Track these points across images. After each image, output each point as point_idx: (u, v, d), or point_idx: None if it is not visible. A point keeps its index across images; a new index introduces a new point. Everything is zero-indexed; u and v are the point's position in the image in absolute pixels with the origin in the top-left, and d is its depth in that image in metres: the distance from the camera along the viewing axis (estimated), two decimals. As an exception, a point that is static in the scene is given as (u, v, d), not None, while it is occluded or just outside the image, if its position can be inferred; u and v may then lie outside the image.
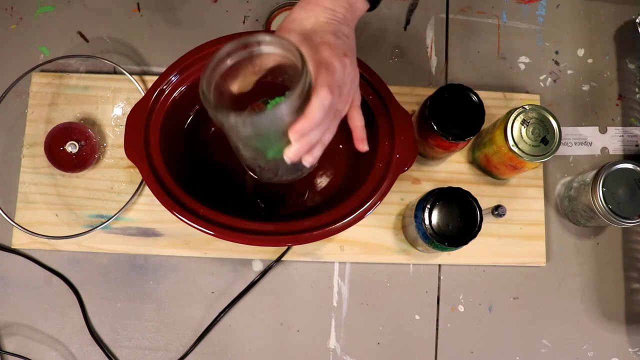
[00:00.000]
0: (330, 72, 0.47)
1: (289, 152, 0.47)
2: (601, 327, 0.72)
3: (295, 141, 0.46)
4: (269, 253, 0.71)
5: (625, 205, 0.65)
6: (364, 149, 0.54)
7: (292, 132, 0.45)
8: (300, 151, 0.47)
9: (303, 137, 0.46)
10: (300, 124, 0.45)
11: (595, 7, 0.81)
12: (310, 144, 0.47)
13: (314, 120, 0.45)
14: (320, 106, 0.45)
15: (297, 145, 0.46)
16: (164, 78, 0.62)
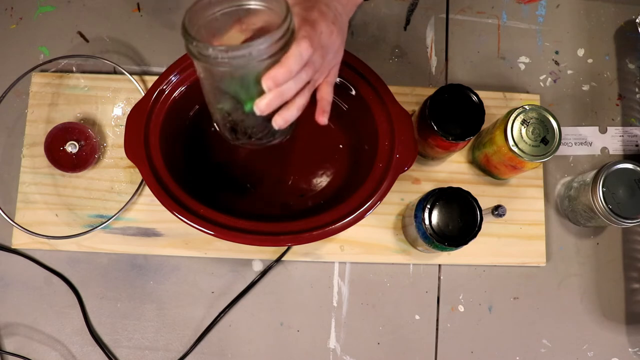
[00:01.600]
0: (315, 30, 0.46)
1: (260, 102, 0.46)
2: (601, 327, 0.72)
3: (269, 90, 0.45)
4: (269, 253, 0.71)
5: (625, 205, 0.65)
6: (323, 122, 0.53)
7: (266, 78, 0.44)
8: (271, 103, 0.46)
9: (277, 87, 0.45)
10: (275, 70, 0.44)
11: (595, 7, 0.81)
12: (282, 98, 0.46)
13: (290, 68, 0.44)
14: (298, 56, 0.44)
15: (270, 95, 0.45)
16: (164, 78, 0.62)
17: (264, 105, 0.46)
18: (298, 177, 0.71)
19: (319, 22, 0.47)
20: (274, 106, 0.46)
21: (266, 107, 0.46)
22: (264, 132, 0.52)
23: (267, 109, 0.46)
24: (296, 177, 0.71)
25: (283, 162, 0.71)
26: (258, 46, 0.43)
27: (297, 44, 0.45)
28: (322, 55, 0.48)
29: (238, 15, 0.47)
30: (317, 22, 0.47)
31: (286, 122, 0.48)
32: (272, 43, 0.43)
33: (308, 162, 0.71)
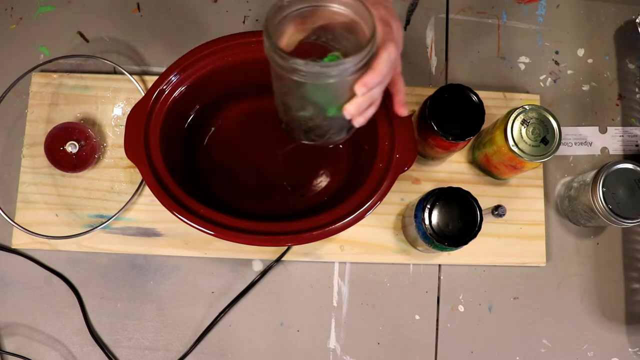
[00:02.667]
0: (392, 30, 0.48)
1: (350, 107, 0.47)
2: (601, 327, 0.72)
3: (362, 94, 0.46)
4: (269, 253, 0.71)
5: (625, 205, 0.65)
6: (404, 114, 0.55)
7: (360, 84, 0.46)
8: (361, 106, 0.47)
9: (368, 91, 0.46)
10: (369, 76, 0.46)
11: (595, 7, 0.81)
12: (371, 99, 0.48)
13: (382, 73, 0.46)
14: (387, 60, 0.46)
15: (361, 100, 0.47)
16: (164, 78, 0.62)
17: (354, 109, 0.47)
18: (298, 177, 0.71)
19: (390, 20, 0.49)
20: (363, 109, 0.48)
21: (356, 111, 0.47)
22: (338, 132, 0.53)
23: (357, 113, 0.48)
24: (296, 177, 0.71)
25: (283, 162, 0.71)
26: (353, 61, 0.44)
27: (386, 49, 0.46)
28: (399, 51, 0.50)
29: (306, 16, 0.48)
30: (389, 20, 0.49)
31: (366, 120, 0.49)
32: (365, 56, 0.44)
33: (308, 162, 0.71)
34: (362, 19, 0.46)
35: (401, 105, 0.55)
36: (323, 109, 0.49)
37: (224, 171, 0.70)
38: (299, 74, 0.44)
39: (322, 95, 0.48)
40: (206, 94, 0.66)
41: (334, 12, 0.47)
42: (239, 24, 0.78)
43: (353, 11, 0.46)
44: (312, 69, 0.43)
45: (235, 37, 0.63)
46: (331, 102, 0.49)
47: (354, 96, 0.47)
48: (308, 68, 0.43)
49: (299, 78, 0.44)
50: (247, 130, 0.71)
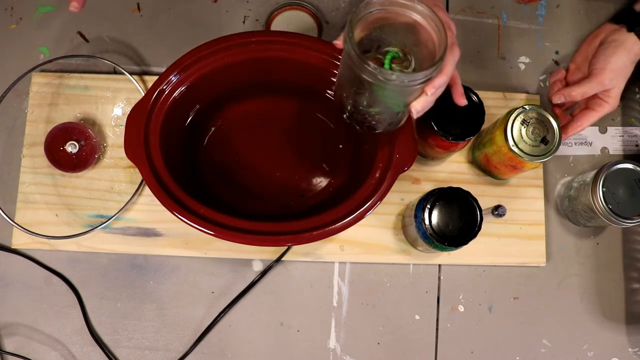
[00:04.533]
0: (452, 31, 0.54)
1: (418, 105, 0.51)
2: (601, 327, 0.72)
3: (431, 94, 0.50)
4: (269, 253, 0.71)
5: (625, 205, 0.65)
6: (463, 103, 0.60)
7: (431, 86, 0.49)
8: (427, 105, 0.51)
9: (437, 91, 0.50)
10: (439, 79, 0.50)
11: (595, 7, 0.81)
12: (436, 97, 0.52)
13: (449, 74, 0.51)
14: (453, 62, 0.52)
15: (430, 99, 0.51)
16: (164, 78, 0.62)
17: (421, 107, 0.51)
18: (298, 177, 0.71)
19: (449, 22, 0.54)
20: (429, 107, 0.52)
21: (423, 109, 0.52)
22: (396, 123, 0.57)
23: (423, 111, 0.52)
24: (296, 177, 0.71)
25: (283, 162, 0.71)
26: (431, 72, 0.47)
27: (452, 52, 0.52)
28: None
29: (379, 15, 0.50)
30: (449, 23, 0.54)
31: (424, 111, 0.52)
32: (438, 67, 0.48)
33: (308, 162, 0.71)
34: (431, 27, 0.49)
35: (460, 95, 0.60)
36: (391, 106, 0.54)
37: (224, 171, 0.70)
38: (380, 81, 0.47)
39: (394, 96, 0.52)
40: (206, 94, 0.66)
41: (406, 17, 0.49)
42: (239, 24, 0.78)
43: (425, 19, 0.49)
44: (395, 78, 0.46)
45: (235, 37, 0.63)
46: (401, 101, 0.52)
47: (421, 94, 0.51)
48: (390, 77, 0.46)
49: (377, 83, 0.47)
50: (247, 130, 0.71)
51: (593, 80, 0.66)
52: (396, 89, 0.49)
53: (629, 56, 0.65)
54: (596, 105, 0.67)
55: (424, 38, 0.50)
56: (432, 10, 0.48)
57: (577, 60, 0.71)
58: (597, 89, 0.66)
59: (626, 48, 0.65)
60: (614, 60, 0.65)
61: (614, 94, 0.66)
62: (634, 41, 0.65)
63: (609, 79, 0.65)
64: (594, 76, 0.66)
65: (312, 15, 0.77)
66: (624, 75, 0.66)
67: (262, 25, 0.78)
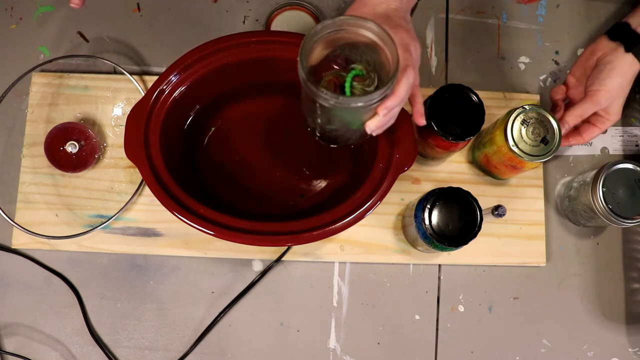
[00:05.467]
0: (410, 54, 0.53)
1: (372, 124, 0.52)
2: (601, 327, 0.72)
3: (383, 115, 0.51)
4: (269, 253, 0.71)
5: (625, 205, 0.65)
6: (422, 123, 0.59)
7: (383, 108, 0.50)
8: (381, 124, 0.52)
9: (389, 112, 0.51)
10: (391, 101, 0.50)
11: (595, 7, 0.81)
12: (390, 117, 0.53)
13: (401, 97, 0.51)
14: (407, 85, 0.51)
15: (383, 119, 0.51)
16: (164, 78, 0.62)
17: (375, 127, 0.52)
18: (298, 177, 0.71)
19: (409, 43, 0.53)
20: (383, 126, 0.53)
21: (377, 128, 0.52)
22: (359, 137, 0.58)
23: (378, 130, 0.53)
24: (296, 177, 0.71)
25: (283, 163, 0.71)
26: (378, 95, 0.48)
27: (406, 75, 0.51)
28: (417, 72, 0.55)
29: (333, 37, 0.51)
30: (408, 44, 0.53)
31: (382, 130, 0.54)
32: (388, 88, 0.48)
33: (308, 162, 0.71)
34: (386, 47, 0.49)
35: (420, 115, 0.59)
36: (348, 124, 0.55)
37: (224, 171, 0.70)
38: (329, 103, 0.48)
39: (347, 116, 0.54)
40: (206, 94, 0.66)
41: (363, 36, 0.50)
42: (239, 24, 0.78)
43: (379, 39, 0.49)
44: (341, 101, 0.47)
45: (235, 37, 0.63)
46: (354, 120, 0.54)
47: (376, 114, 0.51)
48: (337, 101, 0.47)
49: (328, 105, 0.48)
50: (247, 130, 0.71)
51: (588, 102, 0.67)
52: (346, 110, 0.50)
53: (624, 77, 0.67)
54: (598, 122, 0.69)
55: (384, 57, 0.50)
56: (385, 30, 0.48)
57: (575, 74, 0.72)
58: (594, 109, 0.68)
59: (622, 70, 0.66)
60: (608, 83, 0.66)
61: (613, 111, 0.68)
62: (631, 62, 0.66)
63: (604, 99, 0.67)
64: (589, 97, 0.67)
65: (312, 15, 0.77)
66: (620, 94, 0.68)
67: (262, 25, 0.78)
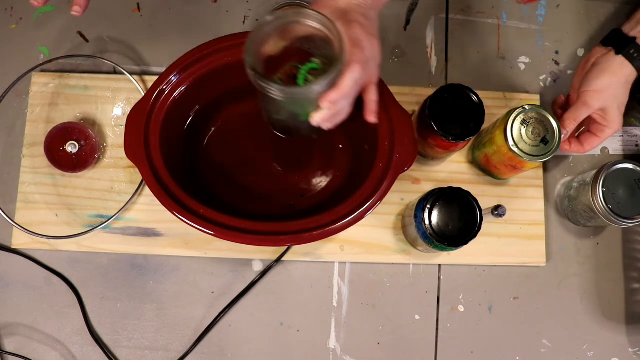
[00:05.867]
0: (361, 49, 0.52)
1: (316, 117, 0.52)
2: (601, 327, 0.72)
3: (326, 109, 0.51)
4: (269, 253, 0.71)
5: (625, 205, 0.65)
6: (373, 121, 0.58)
7: (324, 100, 0.50)
8: (326, 117, 0.52)
9: (332, 106, 0.51)
10: (333, 94, 0.50)
11: (595, 7, 0.81)
12: (335, 112, 0.52)
13: (344, 91, 0.50)
14: (351, 80, 0.50)
15: (326, 112, 0.51)
16: (164, 78, 0.62)
17: (320, 120, 0.52)
18: (298, 177, 0.71)
19: (362, 40, 0.53)
20: (328, 119, 0.53)
21: (321, 121, 0.53)
22: (312, 131, 0.58)
23: (322, 123, 0.53)
24: (296, 177, 0.71)
25: (283, 163, 0.72)
26: (318, 85, 0.48)
27: (350, 70, 0.50)
28: (367, 69, 0.54)
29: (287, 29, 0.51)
30: (360, 40, 0.52)
31: (333, 126, 0.54)
32: (332, 79, 0.49)
33: (308, 162, 0.71)
34: (333, 38, 0.49)
35: (370, 114, 0.58)
36: (296, 116, 0.55)
37: (224, 171, 0.70)
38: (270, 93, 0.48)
39: (293, 107, 0.54)
40: (206, 94, 0.66)
41: (310, 27, 0.50)
42: (239, 24, 0.78)
43: (326, 29, 0.49)
44: (282, 91, 0.48)
45: (235, 37, 0.63)
46: (301, 111, 0.54)
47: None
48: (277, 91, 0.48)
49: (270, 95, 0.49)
50: (247, 130, 0.71)
51: (578, 103, 0.67)
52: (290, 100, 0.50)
53: (614, 78, 0.66)
54: (598, 131, 0.68)
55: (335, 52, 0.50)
56: (331, 22, 0.48)
57: (575, 86, 0.71)
58: (586, 111, 0.67)
59: (610, 70, 0.66)
60: (595, 83, 0.66)
61: (609, 117, 0.66)
62: (620, 63, 0.66)
63: (593, 99, 0.66)
64: (579, 99, 0.67)
65: (312, 15, 0.76)
66: (612, 96, 0.66)
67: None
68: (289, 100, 0.50)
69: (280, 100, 0.50)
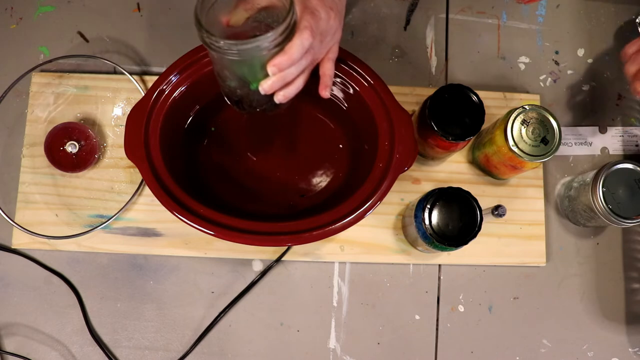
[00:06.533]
0: (315, 18, 0.51)
1: (264, 84, 0.51)
2: (601, 327, 0.72)
3: (273, 74, 0.50)
4: (269, 253, 0.71)
5: (625, 205, 0.65)
6: (325, 96, 0.58)
7: (271, 65, 0.49)
8: (274, 85, 0.51)
9: (280, 72, 0.50)
10: (279, 58, 0.49)
11: (595, 7, 0.81)
12: (284, 81, 0.51)
13: (292, 57, 0.49)
14: (300, 46, 0.49)
15: (273, 79, 0.50)
16: (164, 78, 0.62)
17: (268, 87, 0.51)
18: (298, 177, 0.71)
19: (318, 9, 0.52)
20: (276, 88, 0.52)
21: (269, 89, 0.51)
22: (267, 105, 0.57)
23: (270, 90, 0.52)
24: (296, 177, 0.71)
25: (283, 163, 0.72)
26: (264, 40, 0.47)
27: (300, 35, 0.49)
28: (321, 40, 0.53)
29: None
30: (316, 9, 0.52)
31: (286, 99, 0.53)
32: (277, 36, 0.48)
33: (308, 162, 0.71)
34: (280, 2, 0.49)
35: (324, 88, 0.58)
36: (246, 82, 0.53)
37: (224, 171, 0.70)
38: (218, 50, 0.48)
39: (241, 69, 0.53)
40: (206, 94, 0.66)
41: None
42: (239, 24, 0.78)
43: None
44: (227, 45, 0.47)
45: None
46: (251, 76, 0.53)
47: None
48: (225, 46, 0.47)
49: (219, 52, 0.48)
50: (247, 130, 0.71)
51: None
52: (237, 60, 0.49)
53: None
54: None
55: None
56: None
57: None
58: None
59: None
60: None
61: None
62: None
63: None
64: None
65: (312, 15, 0.76)
66: None
67: None
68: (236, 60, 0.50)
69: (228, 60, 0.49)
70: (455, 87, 0.64)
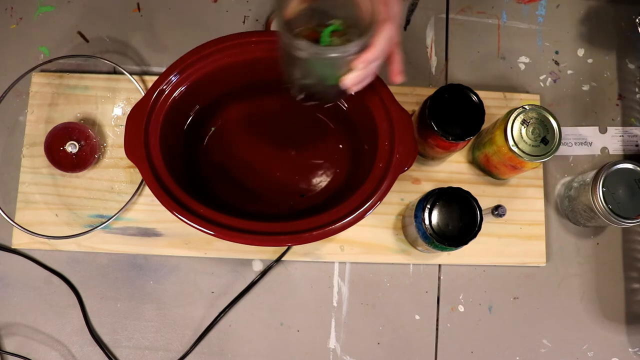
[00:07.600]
0: (389, 8, 0.51)
1: (349, 79, 0.51)
2: (601, 327, 0.72)
3: (360, 69, 0.50)
4: (269, 253, 0.71)
5: (625, 205, 0.65)
6: (400, 81, 0.57)
7: (360, 61, 0.49)
8: (359, 79, 0.51)
9: (366, 66, 0.50)
10: (369, 54, 0.49)
11: (595, 7, 0.81)
12: (368, 73, 0.52)
13: (379, 51, 0.50)
14: (385, 38, 0.50)
15: (359, 73, 0.51)
16: (164, 78, 0.62)
17: (351, 81, 0.51)
18: (298, 177, 0.71)
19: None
20: (359, 81, 0.51)
21: (354, 84, 0.52)
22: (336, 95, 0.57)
23: (354, 85, 0.52)
24: (296, 177, 0.71)
25: (283, 162, 0.72)
26: (354, 47, 0.48)
27: (384, 29, 0.49)
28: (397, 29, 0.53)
29: None
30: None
31: (361, 88, 0.53)
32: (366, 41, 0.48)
33: (308, 162, 0.71)
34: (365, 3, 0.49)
35: (397, 74, 0.57)
36: (324, 79, 0.54)
37: (224, 171, 0.70)
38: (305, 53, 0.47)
39: (323, 70, 0.53)
40: (206, 94, 0.66)
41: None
42: (239, 24, 0.78)
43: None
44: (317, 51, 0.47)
45: (235, 37, 0.63)
46: (330, 74, 0.53)
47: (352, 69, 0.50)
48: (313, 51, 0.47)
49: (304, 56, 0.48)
50: (247, 130, 0.71)
51: None
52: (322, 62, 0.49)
53: None
54: None
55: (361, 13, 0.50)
56: None
57: None
58: None
59: None
60: None
61: None
62: None
63: None
64: None
65: (312, 15, 0.76)
66: None
67: (262, 25, 0.78)
68: (323, 62, 0.49)
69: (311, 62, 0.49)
70: (455, 87, 0.64)
